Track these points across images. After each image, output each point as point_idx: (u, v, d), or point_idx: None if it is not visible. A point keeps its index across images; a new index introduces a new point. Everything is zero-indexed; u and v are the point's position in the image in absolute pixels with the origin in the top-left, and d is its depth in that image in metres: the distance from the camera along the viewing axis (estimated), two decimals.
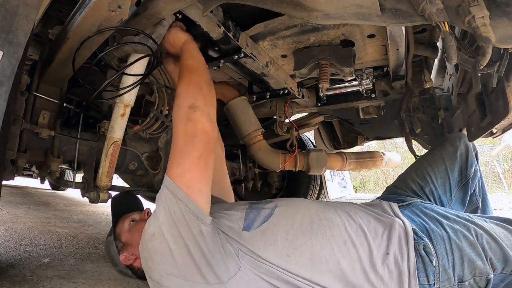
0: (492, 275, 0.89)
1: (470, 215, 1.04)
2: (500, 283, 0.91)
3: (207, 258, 0.85)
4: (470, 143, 1.35)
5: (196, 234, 0.85)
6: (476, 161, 1.34)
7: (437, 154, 1.36)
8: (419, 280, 0.88)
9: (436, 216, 1.01)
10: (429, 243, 0.93)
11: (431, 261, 0.90)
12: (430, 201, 1.26)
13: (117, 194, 1.30)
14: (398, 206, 1.10)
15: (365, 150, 2.52)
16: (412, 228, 0.97)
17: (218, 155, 1.46)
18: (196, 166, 0.91)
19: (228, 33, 1.13)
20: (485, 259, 0.90)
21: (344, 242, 0.92)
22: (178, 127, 0.95)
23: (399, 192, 1.32)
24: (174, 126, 0.97)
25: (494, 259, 0.90)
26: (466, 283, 0.89)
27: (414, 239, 0.94)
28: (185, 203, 0.86)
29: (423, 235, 0.96)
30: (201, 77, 1.04)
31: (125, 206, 1.26)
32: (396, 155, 2.51)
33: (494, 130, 1.20)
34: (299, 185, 2.54)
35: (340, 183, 3.61)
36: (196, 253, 0.84)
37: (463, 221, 0.99)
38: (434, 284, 0.88)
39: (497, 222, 1.00)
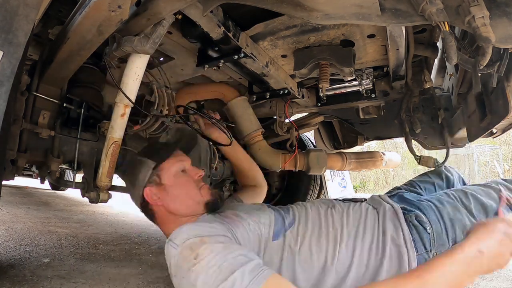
0: None
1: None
2: None
3: None
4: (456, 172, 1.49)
5: None
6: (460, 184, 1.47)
7: (425, 174, 1.49)
8: (417, 250, 0.93)
9: (420, 197, 1.14)
10: (419, 213, 1.00)
11: (425, 228, 0.97)
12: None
13: (188, 131, 1.31)
14: (388, 196, 1.19)
15: (365, 150, 2.52)
16: (401, 206, 1.05)
17: (261, 190, 1.57)
18: None
19: (228, 33, 1.13)
20: (470, 216, 0.99)
21: (348, 236, 0.98)
22: None
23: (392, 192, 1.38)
24: None
25: (474, 211, 1.00)
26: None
27: (404, 213, 1.01)
28: None
29: (412, 208, 1.04)
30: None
31: (185, 144, 1.22)
32: (396, 155, 2.51)
33: (494, 130, 1.20)
34: (299, 185, 2.54)
35: (340, 183, 3.62)
36: None
37: (442, 192, 1.12)
38: (431, 250, 0.94)
39: (473, 185, 1.15)
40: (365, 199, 1.15)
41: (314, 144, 2.54)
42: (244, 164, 1.60)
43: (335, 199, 1.17)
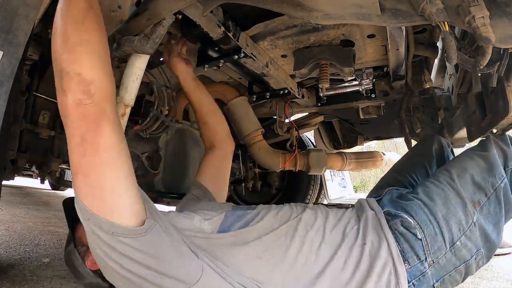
0: (476, 216, 0.87)
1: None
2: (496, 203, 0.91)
3: (159, 270, 0.71)
4: (444, 140, 1.39)
5: (125, 251, 0.69)
6: (452, 156, 1.36)
7: (414, 153, 1.40)
8: (408, 262, 0.82)
9: (407, 194, 0.99)
10: (406, 216, 0.88)
11: (415, 235, 0.84)
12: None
13: (68, 198, 1.11)
14: (376, 200, 1.06)
15: (365, 150, 2.52)
16: (386, 210, 0.93)
17: (223, 154, 1.38)
18: (83, 156, 0.66)
19: (228, 33, 1.13)
20: (466, 203, 0.88)
21: (319, 244, 0.86)
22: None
23: (381, 192, 1.30)
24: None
25: (469, 195, 0.90)
26: (458, 243, 0.85)
27: (389, 220, 0.89)
28: (93, 222, 0.67)
29: (398, 211, 0.91)
30: (66, 19, 0.70)
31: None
32: (396, 155, 2.51)
33: (494, 130, 1.20)
34: (299, 185, 2.54)
35: (340, 183, 3.61)
36: (142, 270, 0.70)
37: (430, 179, 0.99)
38: (426, 259, 0.83)
39: (462, 156, 1.03)
40: (353, 205, 1.04)
41: (314, 144, 2.54)
42: (203, 107, 1.37)
43: (321, 204, 1.08)
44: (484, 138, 1.07)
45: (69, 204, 1.01)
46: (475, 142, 1.41)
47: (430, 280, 0.83)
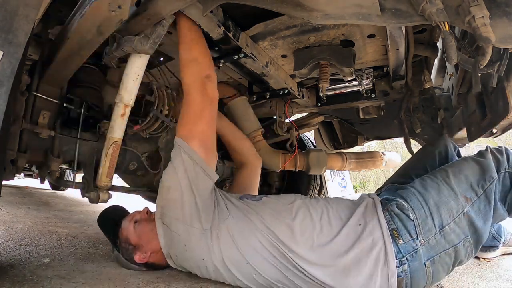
0: (467, 208, 0.98)
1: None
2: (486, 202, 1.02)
3: (208, 208, 1.04)
4: (450, 142, 1.45)
5: (203, 190, 1.05)
6: (457, 158, 1.41)
7: (418, 155, 1.49)
8: (402, 238, 0.94)
9: (406, 186, 1.12)
10: (401, 201, 1.01)
11: (408, 216, 0.97)
12: None
13: (101, 213, 1.36)
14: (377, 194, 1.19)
15: (365, 150, 2.52)
16: (384, 197, 1.07)
17: (250, 170, 1.64)
18: (210, 126, 1.11)
19: (228, 33, 1.13)
20: (458, 196, 1.00)
21: (319, 219, 1.03)
22: (195, 93, 1.09)
23: (382, 188, 1.42)
24: (190, 90, 1.10)
25: (462, 191, 1.01)
26: (447, 227, 0.96)
27: (386, 203, 1.03)
28: (200, 165, 1.05)
29: (394, 197, 1.04)
30: (208, 51, 1.15)
31: (115, 215, 1.31)
32: (396, 155, 2.51)
33: (494, 130, 1.20)
34: (299, 185, 2.54)
35: (340, 183, 3.62)
36: (201, 204, 1.03)
37: (428, 174, 1.12)
38: (417, 237, 0.94)
39: (459, 160, 1.17)
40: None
41: (314, 144, 2.54)
42: (228, 135, 1.64)
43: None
44: (483, 148, 1.20)
45: (103, 220, 1.33)
46: (475, 142, 1.42)
47: (422, 258, 0.93)
